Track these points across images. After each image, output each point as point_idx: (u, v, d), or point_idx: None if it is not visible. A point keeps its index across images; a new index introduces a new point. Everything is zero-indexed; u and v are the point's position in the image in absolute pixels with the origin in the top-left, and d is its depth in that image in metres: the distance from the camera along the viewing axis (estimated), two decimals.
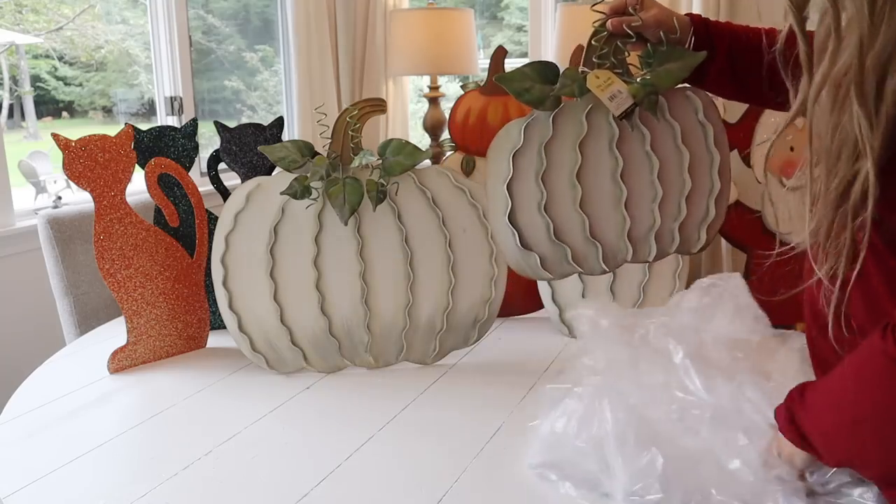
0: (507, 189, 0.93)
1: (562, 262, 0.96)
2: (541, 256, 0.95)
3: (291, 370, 1.17)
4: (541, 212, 0.94)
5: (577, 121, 0.92)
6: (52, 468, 0.89)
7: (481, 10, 4.36)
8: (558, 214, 0.95)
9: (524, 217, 0.95)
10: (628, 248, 0.97)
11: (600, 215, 0.95)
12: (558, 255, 0.96)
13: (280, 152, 1.12)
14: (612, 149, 0.94)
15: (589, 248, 0.96)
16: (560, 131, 0.92)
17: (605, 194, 0.95)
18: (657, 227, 0.97)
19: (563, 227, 0.95)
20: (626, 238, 0.97)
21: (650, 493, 0.72)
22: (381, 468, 0.88)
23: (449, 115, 1.78)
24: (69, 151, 1.10)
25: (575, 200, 0.94)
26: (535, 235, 0.95)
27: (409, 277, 1.15)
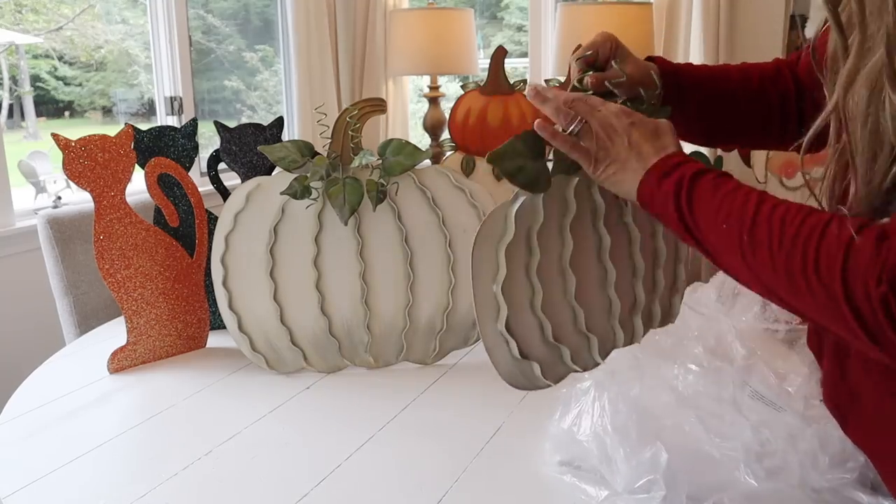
0: (502, 291, 0.77)
1: (557, 364, 0.83)
2: (538, 363, 0.81)
3: (291, 370, 1.17)
4: (534, 311, 0.80)
5: (563, 199, 0.79)
6: (52, 468, 0.89)
7: (481, 10, 4.36)
8: (552, 311, 0.80)
9: (517, 321, 0.79)
10: (616, 333, 0.87)
11: (590, 302, 0.83)
12: (554, 357, 0.82)
13: (280, 152, 1.12)
14: (596, 225, 0.82)
15: (582, 343, 0.84)
16: (548, 211, 0.78)
17: (591, 277, 0.83)
18: (640, 304, 0.87)
19: (558, 324, 0.81)
20: (615, 321, 0.87)
21: (654, 489, 0.72)
22: (381, 468, 0.88)
23: (449, 115, 1.78)
24: (69, 151, 1.10)
25: (566, 292, 0.81)
26: (529, 340, 0.81)
27: (409, 277, 1.15)
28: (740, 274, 0.63)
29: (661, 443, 0.73)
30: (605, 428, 0.79)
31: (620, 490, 0.75)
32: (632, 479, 0.74)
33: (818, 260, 0.54)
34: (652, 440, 0.74)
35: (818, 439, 0.71)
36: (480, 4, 4.34)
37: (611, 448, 0.77)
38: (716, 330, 0.86)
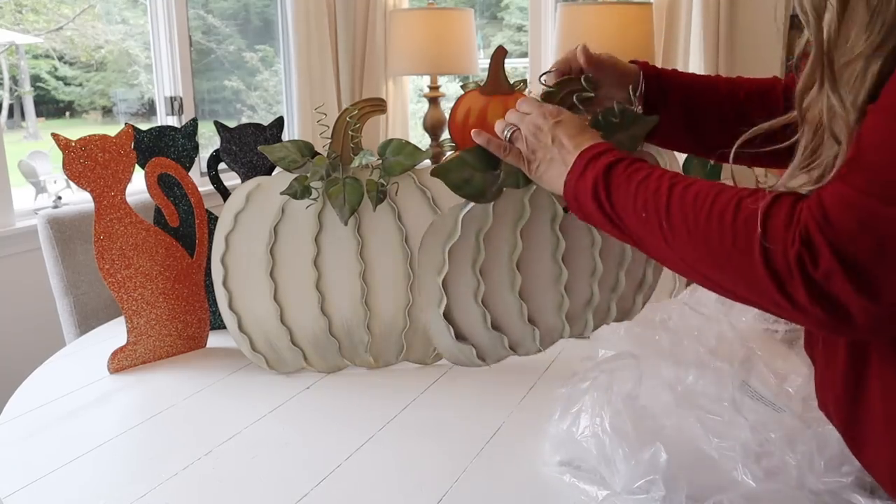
0: (443, 283, 0.85)
1: (497, 349, 0.90)
2: (476, 346, 0.88)
3: (291, 370, 1.17)
4: (477, 302, 0.87)
5: (518, 204, 0.84)
6: (52, 468, 0.89)
7: (481, 10, 4.37)
8: (495, 303, 0.87)
9: (460, 309, 0.87)
10: (564, 326, 0.92)
11: (538, 297, 0.88)
12: (494, 342, 0.89)
13: (280, 152, 1.12)
14: (554, 228, 0.86)
15: (525, 332, 0.90)
16: (499, 216, 0.83)
17: (544, 275, 0.88)
18: (595, 301, 0.91)
19: (501, 314, 0.88)
20: (563, 316, 0.91)
21: (653, 489, 0.72)
22: (381, 468, 0.88)
23: (449, 115, 1.78)
24: (69, 151, 1.10)
25: (514, 287, 0.87)
26: (470, 326, 0.88)
27: (409, 277, 1.14)
28: (667, 259, 0.64)
29: (660, 443, 0.73)
30: (604, 428, 0.79)
31: (619, 490, 0.75)
32: (631, 479, 0.74)
33: (735, 232, 0.55)
34: (651, 440, 0.74)
35: (816, 441, 0.71)
36: (480, 4, 4.34)
37: (610, 448, 0.77)
38: (716, 330, 0.86)
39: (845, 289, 0.48)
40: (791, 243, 0.51)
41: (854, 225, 0.48)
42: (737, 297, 0.58)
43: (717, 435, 0.75)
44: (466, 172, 0.80)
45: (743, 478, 0.71)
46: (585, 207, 0.70)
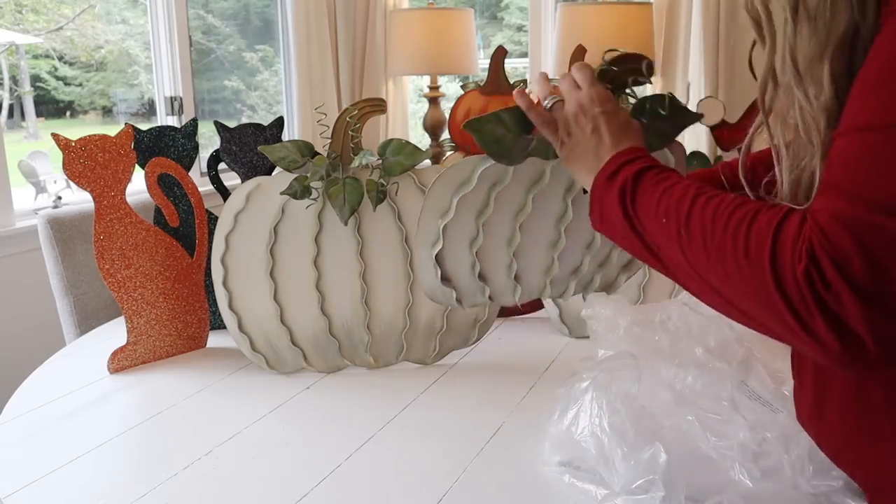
0: (443, 229, 0.86)
1: (476, 295, 0.92)
2: (457, 290, 0.91)
3: (291, 370, 1.17)
4: (471, 251, 0.88)
5: (539, 170, 0.85)
6: (52, 468, 0.89)
7: (481, 10, 4.37)
8: (488, 256, 0.89)
9: (452, 254, 0.88)
10: (546, 287, 0.94)
11: (530, 258, 0.90)
12: (475, 289, 0.91)
13: (280, 152, 1.12)
14: (566, 198, 0.88)
15: (508, 286, 0.92)
16: (518, 177, 0.84)
17: (543, 239, 0.90)
18: (582, 271, 0.94)
19: (490, 267, 0.90)
20: (549, 279, 0.94)
21: (652, 489, 0.72)
22: (381, 468, 0.88)
23: (449, 115, 1.78)
24: (69, 151, 1.10)
25: (511, 244, 0.88)
26: (457, 270, 0.90)
27: (409, 277, 1.14)
28: (680, 270, 0.63)
29: (659, 443, 0.73)
30: (603, 428, 0.79)
31: (618, 490, 0.75)
32: (630, 479, 0.74)
33: (748, 245, 0.54)
34: (650, 440, 0.74)
35: (809, 445, 0.71)
36: (480, 4, 4.35)
37: (608, 448, 0.77)
38: (715, 330, 0.86)
39: (854, 311, 0.47)
40: (798, 259, 0.50)
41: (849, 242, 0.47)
42: (748, 318, 0.57)
43: (716, 434, 0.75)
44: (500, 131, 0.78)
45: (740, 477, 0.71)
46: (608, 209, 0.69)
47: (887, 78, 0.48)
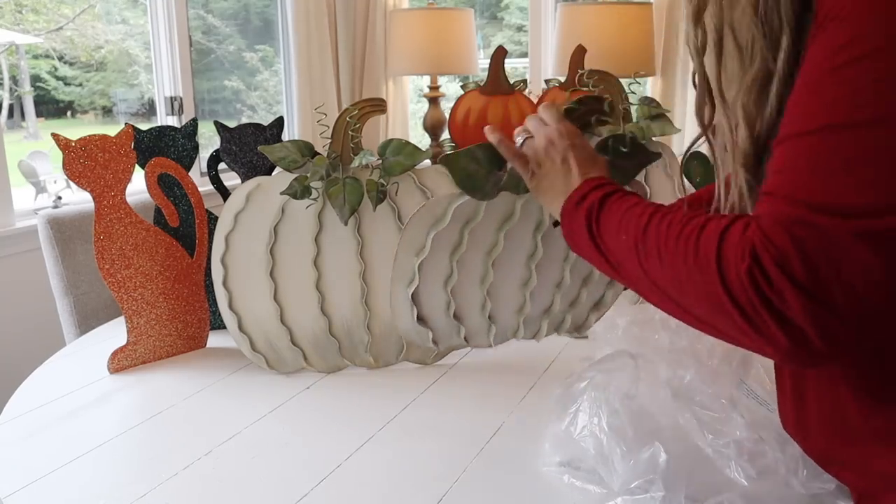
0: (418, 267, 0.88)
1: (452, 336, 0.94)
2: (433, 330, 0.92)
3: (291, 370, 1.17)
4: (446, 289, 0.90)
5: (510, 207, 0.87)
6: (52, 468, 0.89)
7: (481, 10, 4.37)
8: (462, 294, 0.91)
9: (427, 293, 0.90)
10: (520, 327, 0.96)
11: (503, 296, 0.93)
12: (451, 330, 0.93)
13: (280, 152, 1.12)
14: (536, 236, 0.90)
15: (482, 326, 0.94)
16: (489, 215, 0.87)
17: (515, 277, 0.92)
18: (554, 310, 0.96)
19: (464, 306, 0.92)
20: (521, 318, 0.96)
21: (652, 489, 0.72)
22: (381, 468, 0.88)
23: (449, 115, 1.78)
24: (69, 151, 1.10)
25: (484, 282, 0.91)
26: (432, 310, 0.92)
27: None
28: (640, 282, 0.65)
29: (658, 443, 0.73)
30: (602, 427, 0.79)
31: (617, 490, 0.75)
32: (629, 478, 0.74)
33: (697, 251, 0.56)
34: (649, 440, 0.74)
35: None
36: (480, 4, 4.35)
37: (607, 448, 0.77)
38: None
39: (797, 307, 0.48)
40: (742, 259, 0.52)
41: (788, 241, 0.49)
42: (703, 322, 0.59)
43: (713, 432, 0.75)
44: (472, 167, 0.82)
45: (736, 476, 0.72)
46: (577, 232, 0.73)
47: (816, 87, 0.49)
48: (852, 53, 0.46)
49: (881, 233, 0.45)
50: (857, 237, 0.45)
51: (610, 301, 0.99)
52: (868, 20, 0.45)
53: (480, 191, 0.83)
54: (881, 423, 0.58)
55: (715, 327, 0.57)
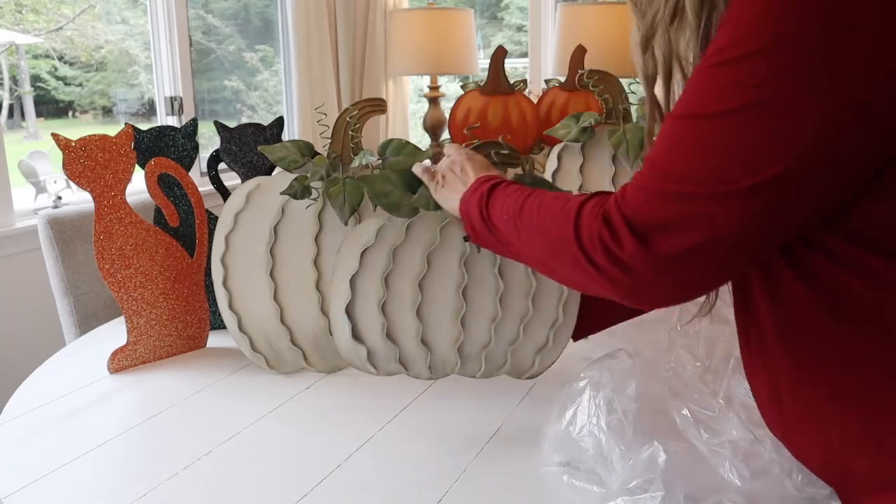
0: (350, 282, 0.97)
1: (390, 360, 1.00)
2: (370, 351, 0.99)
3: (291, 370, 1.17)
4: (378, 309, 0.97)
5: (431, 231, 0.96)
6: (52, 468, 0.89)
7: (481, 10, 4.37)
8: (395, 315, 0.98)
9: (361, 311, 0.98)
10: (458, 361, 1.01)
11: (436, 323, 0.98)
12: (388, 352, 0.99)
13: (280, 152, 1.12)
14: (461, 264, 0.97)
15: (419, 352, 0.99)
16: (413, 238, 0.95)
17: (446, 305, 0.98)
18: (490, 346, 1.00)
19: (398, 327, 0.99)
20: (458, 350, 1.00)
21: (651, 489, 0.72)
22: (381, 468, 0.88)
23: (449, 115, 1.78)
24: (69, 151, 1.10)
25: (414, 304, 0.97)
26: (368, 330, 0.99)
27: None
28: (526, 255, 0.75)
29: (658, 442, 0.73)
30: (601, 427, 0.79)
31: (617, 490, 0.75)
32: (628, 478, 0.74)
33: (560, 219, 0.66)
34: (648, 439, 0.74)
35: None
36: (480, 4, 4.35)
37: (606, 447, 0.77)
38: (714, 328, 0.86)
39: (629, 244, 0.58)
40: (594, 218, 0.61)
41: (642, 199, 0.58)
42: (567, 279, 0.69)
43: (709, 430, 0.75)
44: (387, 187, 0.94)
45: (730, 476, 0.71)
46: (473, 219, 0.82)
47: (694, 79, 0.56)
48: (724, 56, 0.52)
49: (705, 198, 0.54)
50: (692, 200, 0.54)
51: (553, 343, 1.03)
52: (741, 30, 0.51)
53: (397, 210, 0.94)
54: (855, 425, 0.59)
55: (575, 280, 0.66)
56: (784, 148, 0.50)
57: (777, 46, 0.49)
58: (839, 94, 0.48)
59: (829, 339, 0.58)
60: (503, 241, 0.78)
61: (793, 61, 0.49)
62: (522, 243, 0.74)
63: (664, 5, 0.63)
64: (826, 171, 0.51)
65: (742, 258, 0.56)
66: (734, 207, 0.52)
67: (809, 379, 0.61)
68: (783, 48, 0.49)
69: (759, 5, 0.50)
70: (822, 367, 0.60)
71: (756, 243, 0.55)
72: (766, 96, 0.50)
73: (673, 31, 0.63)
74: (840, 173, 0.51)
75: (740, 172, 0.51)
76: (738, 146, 0.51)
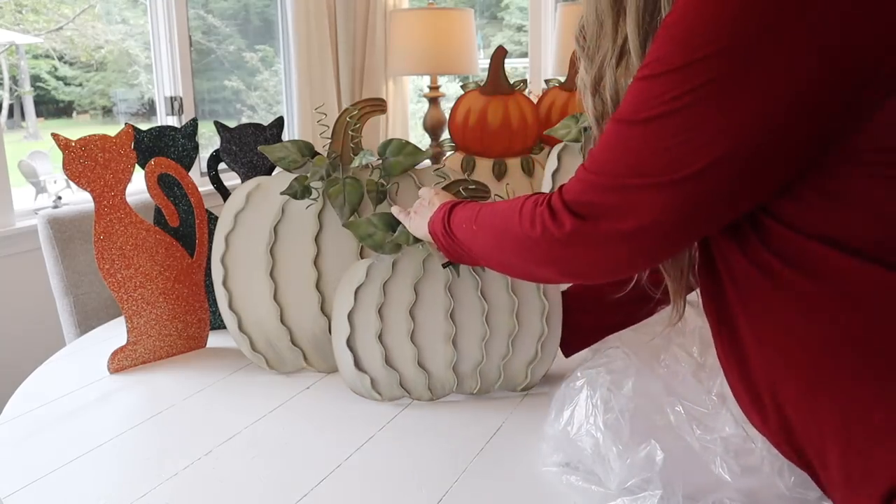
0: (348, 318, 1.04)
1: (392, 386, 1.06)
2: (373, 379, 1.06)
3: (291, 370, 1.17)
4: (376, 339, 1.05)
5: (415, 264, 1.04)
6: (52, 468, 0.89)
7: (481, 10, 4.37)
8: (392, 343, 1.05)
9: (361, 343, 1.05)
10: (455, 380, 1.06)
11: (430, 347, 1.06)
12: (390, 379, 1.06)
13: (280, 152, 1.12)
14: (446, 290, 1.04)
15: (418, 376, 1.06)
16: (400, 271, 1.04)
17: (437, 329, 1.05)
18: (483, 363, 1.06)
19: (396, 354, 1.06)
20: (453, 370, 1.06)
21: (649, 487, 0.72)
22: (381, 468, 0.88)
23: (449, 115, 1.78)
24: (69, 151, 1.10)
25: (408, 332, 1.05)
26: (369, 359, 1.06)
27: None
28: (487, 258, 0.82)
29: (654, 441, 0.73)
30: (598, 426, 0.79)
31: (614, 488, 0.75)
32: (626, 477, 0.74)
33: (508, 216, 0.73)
34: (645, 438, 0.74)
35: None
36: (480, 4, 4.35)
37: (603, 447, 0.77)
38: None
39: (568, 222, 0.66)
40: (537, 205, 0.69)
41: (580, 188, 0.65)
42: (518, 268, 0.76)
43: (702, 427, 0.75)
44: (370, 229, 1.04)
45: (720, 471, 0.71)
46: (438, 237, 0.90)
47: (629, 89, 0.62)
48: (650, 70, 0.59)
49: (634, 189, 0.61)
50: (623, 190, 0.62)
51: (541, 355, 1.06)
52: (664, 48, 0.58)
53: (381, 248, 1.03)
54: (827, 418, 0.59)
55: (523, 268, 0.74)
56: (698, 151, 0.57)
57: (690, 67, 0.56)
58: (746, 106, 0.55)
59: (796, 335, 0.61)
60: (466, 249, 0.85)
61: (703, 78, 0.56)
62: (480, 246, 0.81)
63: (611, 49, 0.71)
64: (741, 171, 0.57)
65: (669, 242, 0.63)
66: (659, 198, 0.60)
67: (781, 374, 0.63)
68: (695, 69, 0.56)
69: (678, 31, 0.58)
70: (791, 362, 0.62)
71: (680, 229, 0.62)
72: (682, 108, 0.57)
73: (619, 72, 0.71)
74: (755, 172, 0.58)
75: (661, 169, 0.59)
76: (658, 148, 0.59)
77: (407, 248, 1.04)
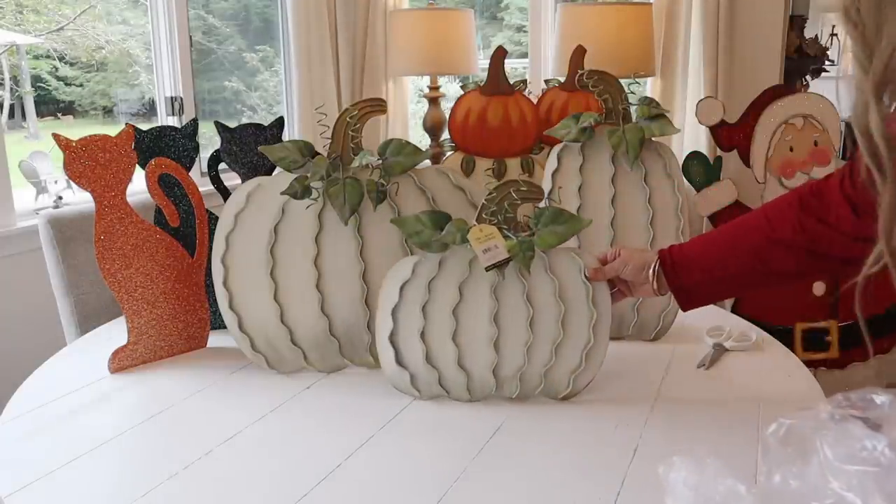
0: (392, 314, 1.04)
1: (431, 384, 1.06)
2: (413, 375, 1.05)
3: (291, 370, 1.17)
4: (418, 337, 1.04)
5: (462, 264, 1.03)
6: (52, 468, 0.89)
7: (481, 10, 4.37)
8: (434, 342, 1.05)
9: (403, 339, 1.05)
10: (494, 384, 1.05)
11: (472, 349, 1.05)
12: (429, 377, 1.05)
13: (280, 152, 1.12)
14: (492, 293, 1.03)
15: (458, 377, 1.05)
16: (446, 271, 1.04)
17: (480, 331, 1.04)
18: (524, 368, 1.04)
19: (437, 353, 1.05)
20: (494, 374, 1.05)
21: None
22: (381, 468, 0.88)
23: (449, 115, 1.78)
24: (70, 151, 1.10)
25: (451, 332, 1.04)
26: (411, 356, 1.06)
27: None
28: None
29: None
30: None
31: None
32: None
33: None
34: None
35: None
36: (480, 4, 4.35)
37: None
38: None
39: None
40: None
41: None
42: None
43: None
44: (418, 227, 1.04)
45: None
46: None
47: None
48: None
49: None
50: None
51: (585, 365, 1.04)
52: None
53: (428, 246, 1.03)
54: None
55: None
56: None
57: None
58: None
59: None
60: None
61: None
62: None
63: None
64: None
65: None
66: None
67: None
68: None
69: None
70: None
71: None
72: None
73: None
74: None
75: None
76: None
77: (454, 247, 1.03)
